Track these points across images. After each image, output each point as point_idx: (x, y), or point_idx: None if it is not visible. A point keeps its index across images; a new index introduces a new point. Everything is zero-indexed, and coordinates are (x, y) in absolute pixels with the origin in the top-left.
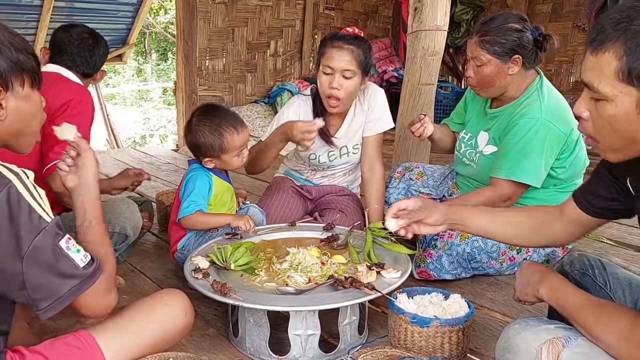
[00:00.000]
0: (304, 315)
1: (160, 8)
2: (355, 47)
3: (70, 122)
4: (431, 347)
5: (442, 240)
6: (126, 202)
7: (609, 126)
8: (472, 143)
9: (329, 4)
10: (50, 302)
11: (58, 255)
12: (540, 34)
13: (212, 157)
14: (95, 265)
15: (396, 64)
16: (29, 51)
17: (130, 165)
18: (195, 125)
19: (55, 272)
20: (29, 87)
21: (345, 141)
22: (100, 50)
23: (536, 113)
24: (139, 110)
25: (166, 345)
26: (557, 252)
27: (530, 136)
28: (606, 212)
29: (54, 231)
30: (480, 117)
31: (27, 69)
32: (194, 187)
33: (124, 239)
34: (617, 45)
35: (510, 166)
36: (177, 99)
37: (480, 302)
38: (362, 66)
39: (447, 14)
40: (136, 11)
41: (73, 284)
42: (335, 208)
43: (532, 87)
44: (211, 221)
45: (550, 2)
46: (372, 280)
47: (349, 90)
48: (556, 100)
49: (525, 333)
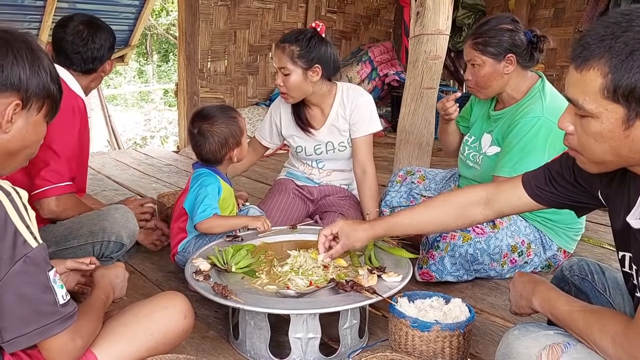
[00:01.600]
0: (305, 318)
1: (163, 10)
2: (289, 44)
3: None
4: (432, 352)
5: (445, 241)
6: (121, 209)
7: (594, 142)
8: (476, 146)
9: (330, 7)
10: (16, 336)
11: (40, 285)
12: (534, 35)
13: (238, 145)
14: (73, 309)
15: (398, 67)
16: (60, 85)
17: (131, 166)
18: (212, 129)
19: (29, 303)
20: (43, 115)
21: (330, 138)
22: (97, 42)
23: (538, 112)
24: (140, 111)
25: (166, 348)
26: (559, 256)
27: (532, 134)
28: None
29: (39, 258)
30: (484, 120)
31: (51, 98)
32: (207, 192)
33: (120, 247)
34: (602, 62)
35: (513, 164)
36: (179, 101)
37: (481, 306)
38: (299, 60)
39: (449, 18)
40: (138, 13)
41: (45, 322)
42: (336, 211)
43: (534, 89)
44: (229, 224)
45: (551, 7)
46: (373, 284)
47: (290, 86)
48: (558, 102)
49: (525, 339)
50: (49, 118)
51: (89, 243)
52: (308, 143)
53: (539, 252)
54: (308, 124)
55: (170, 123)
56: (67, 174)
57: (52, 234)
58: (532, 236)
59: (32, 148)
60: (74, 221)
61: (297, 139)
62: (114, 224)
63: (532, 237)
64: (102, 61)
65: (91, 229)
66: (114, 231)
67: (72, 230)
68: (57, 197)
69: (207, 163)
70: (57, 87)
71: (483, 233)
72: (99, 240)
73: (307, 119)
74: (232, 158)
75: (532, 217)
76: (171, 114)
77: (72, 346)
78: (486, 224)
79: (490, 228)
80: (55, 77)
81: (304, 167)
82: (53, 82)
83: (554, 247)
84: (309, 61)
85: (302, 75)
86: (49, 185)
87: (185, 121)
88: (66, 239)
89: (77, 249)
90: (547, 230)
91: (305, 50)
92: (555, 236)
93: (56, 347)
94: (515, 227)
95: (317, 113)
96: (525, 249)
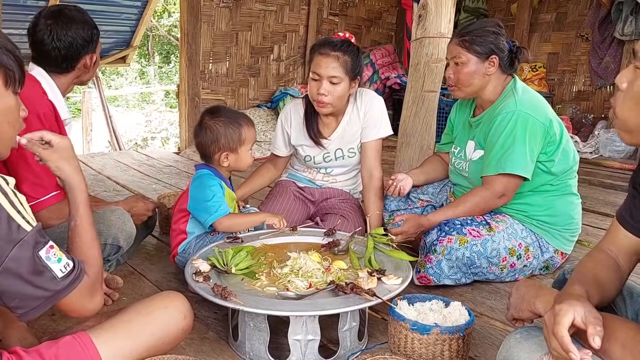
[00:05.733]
0: (304, 320)
1: (164, 11)
2: (342, 54)
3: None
4: (431, 355)
5: (442, 244)
6: (117, 212)
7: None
8: (462, 155)
9: (332, 9)
10: (27, 309)
11: (36, 266)
12: (514, 45)
13: (230, 151)
14: (76, 273)
15: (399, 70)
16: (8, 48)
17: (131, 167)
18: (209, 123)
19: (31, 283)
20: (2, 85)
21: (340, 144)
22: (65, 39)
23: (512, 107)
24: (141, 112)
25: (165, 348)
26: (556, 258)
27: (510, 129)
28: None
29: (34, 240)
30: (465, 128)
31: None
32: (214, 191)
33: (117, 250)
34: None
35: (497, 161)
36: (180, 102)
37: (480, 310)
38: (350, 71)
39: (451, 21)
40: (140, 14)
41: (48, 295)
42: (337, 213)
43: (507, 89)
44: (247, 221)
45: (554, 12)
46: (373, 287)
47: (335, 96)
48: (530, 95)
49: (527, 343)
50: (13, 87)
51: None
52: (317, 152)
53: (537, 254)
54: (320, 136)
55: (171, 124)
56: (51, 186)
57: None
58: (529, 239)
59: (8, 123)
60: None
61: (306, 149)
62: (110, 226)
63: (529, 240)
64: (77, 58)
65: None
66: (110, 234)
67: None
68: (48, 208)
69: (201, 158)
70: (8, 55)
71: (479, 236)
72: None
73: (320, 130)
74: (222, 161)
75: (528, 220)
76: (172, 115)
77: (90, 299)
78: (482, 227)
79: (486, 231)
80: (3, 44)
81: (308, 171)
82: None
83: (551, 250)
84: (356, 74)
85: (348, 85)
86: (34, 201)
87: (187, 123)
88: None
89: None
90: (543, 232)
91: (357, 62)
92: (552, 238)
93: (74, 304)
94: (512, 229)
95: (331, 121)
96: (523, 252)
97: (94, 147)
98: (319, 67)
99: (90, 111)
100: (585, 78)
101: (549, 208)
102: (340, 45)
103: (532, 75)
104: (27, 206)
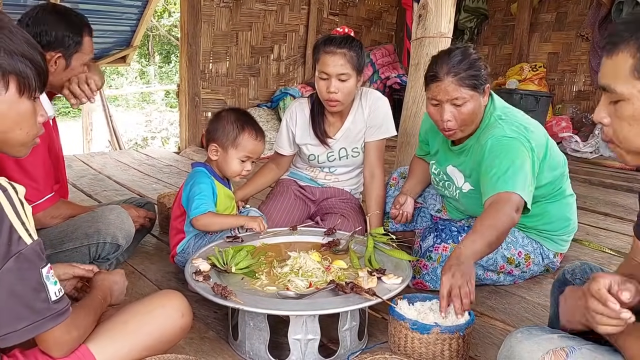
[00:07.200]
0: (304, 319)
1: (165, 11)
2: (347, 50)
3: None
4: (431, 354)
5: (437, 252)
6: (116, 210)
7: (628, 126)
8: (443, 176)
9: (333, 9)
10: (9, 331)
11: (34, 282)
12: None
13: (221, 147)
14: (66, 304)
15: (399, 70)
16: (25, 55)
17: (131, 166)
18: (223, 113)
19: (21, 300)
20: (16, 92)
21: (344, 143)
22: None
23: (501, 133)
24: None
25: (163, 346)
26: (555, 260)
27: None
28: None
29: (33, 255)
30: (445, 151)
31: (15, 74)
32: (201, 189)
33: (116, 249)
34: (630, 44)
35: (504, 174)
36: (180, 102)
37: (480, 309)
38: (356, 66)
39: (451, 21)
40: (140, 13)
41: (37, 319)
42: (337, 213)
43: (487, 113)
44: (224, 222)
45: (554, 12)
46: (373, 286)
47: (345, 92)
48: (511, 115)
49: (528, 342)
50: (29, 94)
51: (85, 245)
52: (322, 151)
53: (538, 261)
54: (326, 135)
55: (171, 124)
56: (46, 189)
57: (48, 237)
58: (530, 247)
59: (20, 128)
60: (68, 224)
61: (310, 147)
62: (109, 225)
63: (530, 248)
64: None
65: (86, 231)
66: (109, 232)
67: (67, 233)
68: (44, 211)
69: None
70: (12, 57)
71: None
72: (94, 242)
73: (325, 129)
74: (211, 153)
75: (527, 230)
76: (172, 115)
77: (68, 337)
78: None
79: None
80: (9, 47)
81: (310, 170)
82: (10, 55)
83: (551, 255)
84: (361, 67)
85: (356, 80)
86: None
87: (187, 122)
88: (62, 242)
89: (72, 252)
90: (544, 240)
91: (361, 56)
92: (552, 244)
93: (51, 339)
94: (513, 237)
95: (336, 120)
96: (523, 260)
97: (94, 147)
98: (326, 66)
99: (91, 111)
100: (585, 78)
101: (546, 216)
102: (344, 42)
103: (532, 75)
104: (32, 219)
